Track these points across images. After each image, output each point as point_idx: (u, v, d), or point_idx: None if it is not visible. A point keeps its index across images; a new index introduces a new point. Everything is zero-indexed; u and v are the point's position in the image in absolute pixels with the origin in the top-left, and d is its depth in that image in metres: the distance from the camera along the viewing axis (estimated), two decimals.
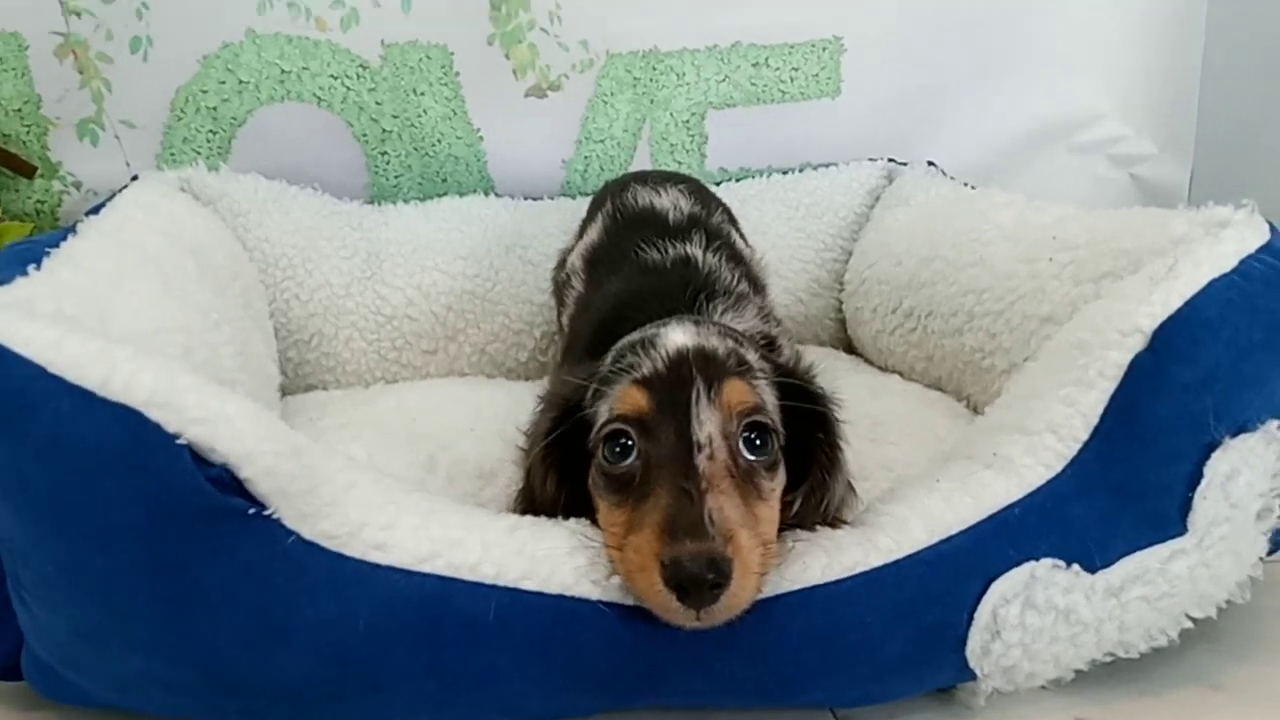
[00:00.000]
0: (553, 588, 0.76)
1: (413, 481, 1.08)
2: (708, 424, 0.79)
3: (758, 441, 0.81)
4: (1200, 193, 1.97)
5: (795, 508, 0.87)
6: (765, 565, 0.75)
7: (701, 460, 0.77)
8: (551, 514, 0.86)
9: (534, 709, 0.80)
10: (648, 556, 0.72)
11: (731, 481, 0.77)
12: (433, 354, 1.60)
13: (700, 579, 0.70)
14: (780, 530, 0.82)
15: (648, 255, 1.19)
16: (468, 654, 0.75)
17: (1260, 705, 0.85)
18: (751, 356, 0.87)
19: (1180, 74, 1.99)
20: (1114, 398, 0.82)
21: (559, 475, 0.88)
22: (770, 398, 0.85)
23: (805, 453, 0.87)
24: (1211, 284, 0.82)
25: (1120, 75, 1.99)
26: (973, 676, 0.82)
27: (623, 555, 0.76)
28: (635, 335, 0.89)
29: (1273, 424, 0.83)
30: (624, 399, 0.82)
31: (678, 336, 0.85)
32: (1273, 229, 0.87)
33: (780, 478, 0.84)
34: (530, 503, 0.90)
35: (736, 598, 0.72)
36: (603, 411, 0.83)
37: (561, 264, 1.47)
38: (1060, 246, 1.12)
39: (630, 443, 0.81)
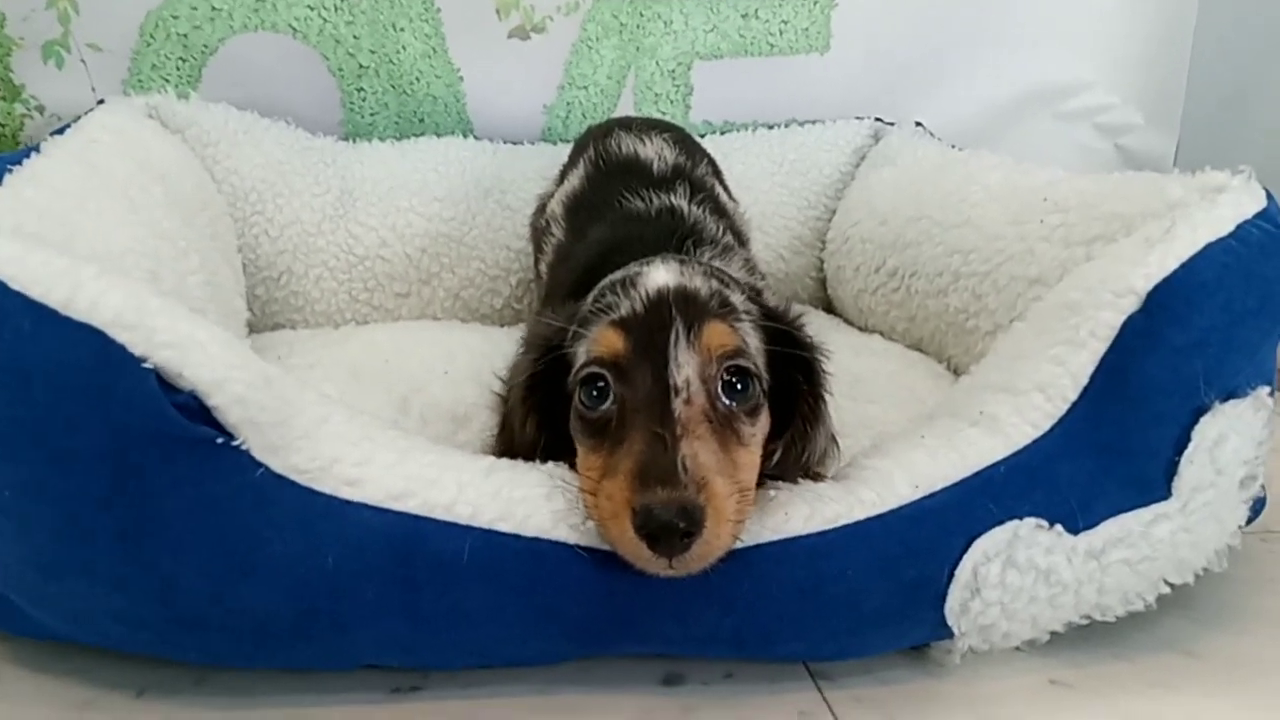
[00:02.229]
0: (529, 530, 0.75)
1: (386, 422, 1.05)
2: (686, 367, 0.77)
3: (738, 385, 0.79)
4: (1185, 165, 1.96)
5: (776, 457, 0.85)
6: (741, 513, 0.74)
7: (678, 405, 0.75)
8: (530, 458, 0.84)
9: (507, 653, 0.79)
10: (620, 503, 0.71)
11: (708, 426, 0.76)
12: (405, 297, 1.57)
13: (671, 527, 0.68)
14: (762, 479, 0.81)
15: (631, 204, 1.17)
16: (440, 595, 0.73)
17: (1234, 673, 0.85)
18: (736, 298, 0.84)
19: (1171, 45, 1.98)
20: (1105, 358, 0.81)
21: (539, 418, 0.86)
22: (754, 341, 0.82)
23: (790, 400, 0.86)
24: (1208, 247, 0.81)
25: (1111, 44, 1.98)
26: (949, 634, 0.81)
27: (596, 501, 0.74)
28: (618, 274, 0.87)
29: (1263, 390, 0.82)
30: (600, 341, 0.79)
31: (660, 275, 0.83)
32: (1269, 196, 0.86)
33: (762, 423, 0.82)
34: (509, 446, 0.88)
35: (709, 546, 0.70)
36: (581, 353, 0.81)
37: (541, 210, 1.44)
38: (1051, 209, 1.10)
39: (606, 386, 0.79)
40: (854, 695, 0.82)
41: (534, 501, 0.76)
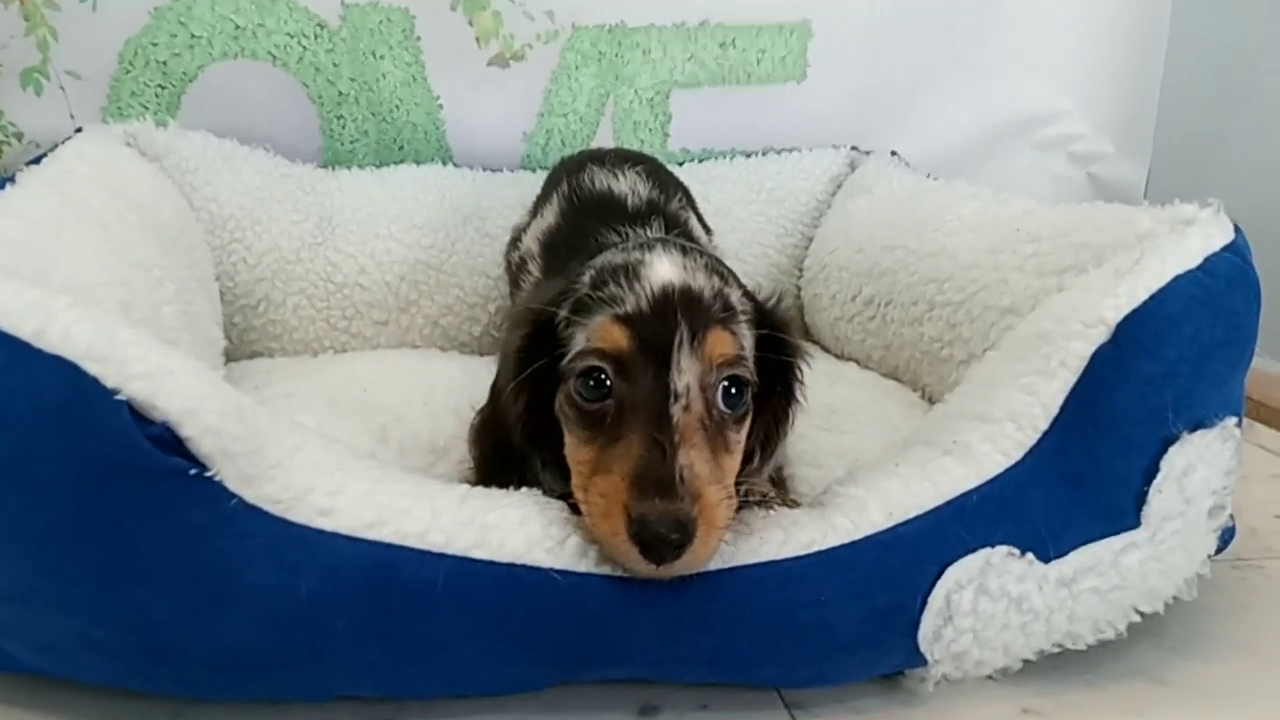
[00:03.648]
0: (504, 556, 0.74)
1: (363, 452, 1.05)
2: (687, 373, 0.77)
3: (733, 391, 0.80)
4: (1156, 195, 1.99)
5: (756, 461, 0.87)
6: (728, 518, 0.75)
7: (676, 410, 0.76)
8: (516, 434, 0.86)
9: (483, 681, 0.79)
10: (614, 504, 0.72)
11: (703, 434, 0.77)
12: (384, 324, 1.57)
13: (665, 539, 0.70)
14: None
15: (607, 240, 1.17)
16: (415, 623, 0.73)
17: (1205, 701, 0.85)
18: (735, 296, 0.85)
19: (1142, 75, 2.01)
20: (1075, 388, 0.82)
21: (529, 394, 0.86)
22: (749, 343, 0.83)
23: (764, 396, 0.87)
24: (1177, 279, 0.82)
25: (1083, 74, 2.01)
26: (923, 662, 0.81)
27: (587, 496, 0.75)
28: (617, 258, 0.86)
29: (1230, 421, 0.83)
30: (603, 334, 0.79)
31: (663, 270, 0.82)
32: (1237, 229, 0.87)
33: (746, 427, 0.83)
34: (497, 426, 0.89)
35: (698, 554, 0.72)
36: (579, 340, 0.81)
37: (514, 243, 1.44)
38: (1024, 239, 1.12)
39: (606, 380, 0.79)
40: None
41: (508, 527, 0.76)
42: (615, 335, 0.79)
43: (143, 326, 0.93)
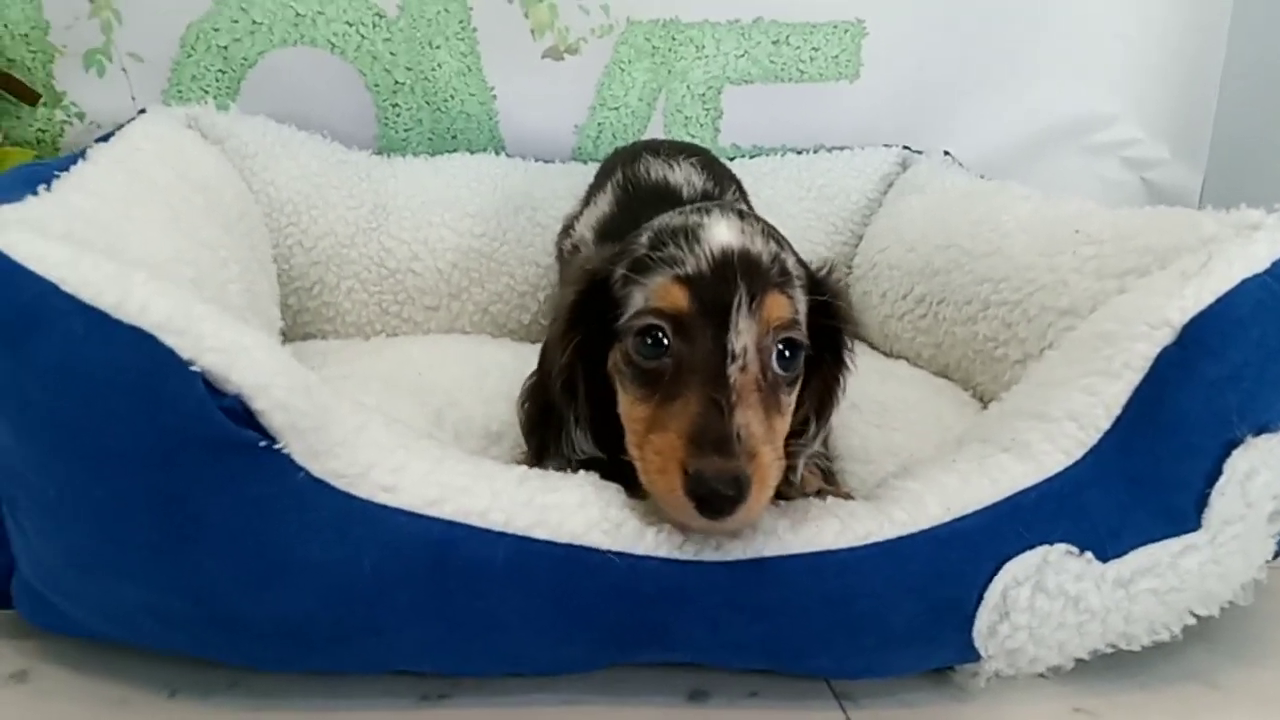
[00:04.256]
0: (562, 537, 0.75)
1: (420, 433, 1.06)
2: (745, 335, 0.79)
3: (787, 354, 0.82)
4: (1210, 202, 1.96)
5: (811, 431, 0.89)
6: (778, 479, 0.76)
7: (734, 371, 0.77)
8: (556, 386, 0.87)
9: (539, 660, 0.80)
10: (671, 460, 0.73)
11: (758, 395, 0.78)
12: (435, 310, 1.58)
13: (722, 495, 0.71)
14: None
15: None
16: (473, 601, 0.74)
17: (1258, 706, 0.85)
18: (790, 262, 0.86)
19: (1199, 81, 1.98)
20: (1139, 389, 0.81)
21: (576, 351, 0.87)
22: (803, 307, 0.85)
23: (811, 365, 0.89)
24: (1244, 283, 0.81)
25: (1139, 78, 1.99)
26: (975, 658, 0.81)
27: (643, 454, 0.77)
28: (676, 220, 0.87)
29: None
30: (663, 294, 0.80)
31: (723, 233, 0.83)
32: None
33: (796, 390, 0.85)
34: (545, 387, 0.90)
35: (751, 511, 0.73)
36: (637, 299, 0.82)
37: (566, 231, 1.45)
38: (1083, 240, 1.11)
39: (665, 339, 0.80)
40: (877, 717, 0.82)
41: (567, 508, 0.77)
42: (675, 295, 0.80)
43: (212, 304, 0.95)
